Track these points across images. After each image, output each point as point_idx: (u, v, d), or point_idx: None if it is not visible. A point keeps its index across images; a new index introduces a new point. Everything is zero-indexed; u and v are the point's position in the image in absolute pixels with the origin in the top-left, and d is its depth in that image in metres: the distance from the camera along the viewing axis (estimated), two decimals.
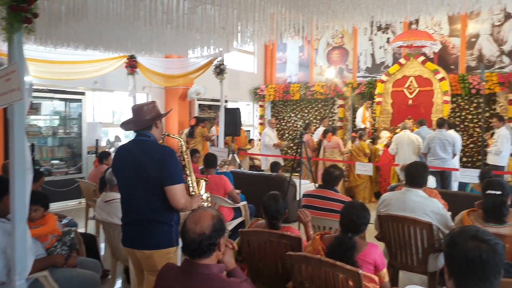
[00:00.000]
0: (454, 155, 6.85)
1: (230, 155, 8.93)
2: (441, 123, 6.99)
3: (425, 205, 3.28)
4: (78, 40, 5.57)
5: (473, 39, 9.63)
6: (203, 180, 3.25)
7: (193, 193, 2.93)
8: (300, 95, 11.84)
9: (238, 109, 8.89)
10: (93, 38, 5.59)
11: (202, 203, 2.94)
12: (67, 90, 7.82)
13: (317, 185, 7.21)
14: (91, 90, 8.70)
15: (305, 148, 6.23)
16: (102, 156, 6.34)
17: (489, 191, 3.01)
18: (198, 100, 10.34)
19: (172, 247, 2.64)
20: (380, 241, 3.65)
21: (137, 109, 2.73)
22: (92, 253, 3.87)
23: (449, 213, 4.20)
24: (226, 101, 11.25)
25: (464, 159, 9.49)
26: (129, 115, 2.89)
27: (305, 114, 12.14)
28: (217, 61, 6.96)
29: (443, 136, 6.84)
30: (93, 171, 6.25)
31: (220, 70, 6.97)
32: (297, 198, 6.62)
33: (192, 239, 1.82)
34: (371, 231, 3.71)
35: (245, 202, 5.14)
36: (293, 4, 4.56)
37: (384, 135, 8.95)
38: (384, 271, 2.45)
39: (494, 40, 9.38)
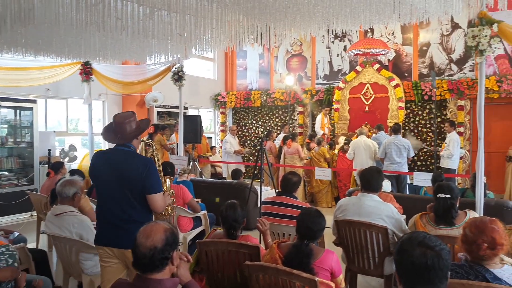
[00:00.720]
0: (409, 159, 7.09)
1: (191, 163, 8.83)
2: (397, 129, 7.23)
3: (380, 210, 3.35)
4: (26, 46, 5.33)
5: (425, 48, 10.05)
6: (168, 179, 3.46)
7: (165, 190, 3.14)
8: (261, 102, 11.91)
9: (198, 116, 8.82)
10: (43, 44, 5.37)
11: (170, 201, 3.18)
12: (17, 98, 7.46)
13: (272, 191, 7.27)
14: (43, 98, 8.35)
15: (266, 154, 6.24)
16: (55, 166, 6.07)
17: (439, 195, 3.12)
18: (156, 107, 10.16)
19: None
20: (338, 246, 3.70)
21: (120, 124, 2.82)
22: (43, 269, 3.68)
23: (403, 217, 4.34)
24: (186, 108, 11.15)
25: (419, 163, 9.86)
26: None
27: (267, 121, 12.21)
28: (175, 68, 6.85)
29: (398, 141, 7.07)
30: (47, 182, 5.96)
31: (178, 77, 6.88)
32: (259, 205, 6.63)
33: (143, 254, 1.76)
34: (330, 236, 3.76)
35: (205, 211, 5.07)
36: (250, 12, 4.58)
37: (342, 140, 9.13)
38: (341, 278, 2.48)
39: (443, 49, 9.83)
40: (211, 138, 12.13)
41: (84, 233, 3.53)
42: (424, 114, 9.79)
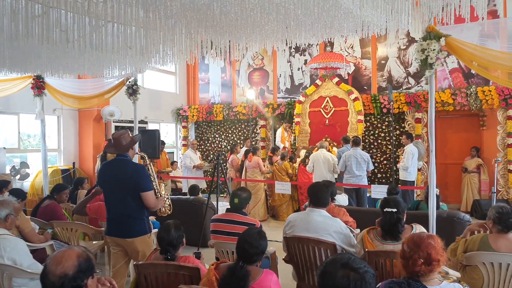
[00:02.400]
0: (368, 172, 7.14)
1: None
2: (357, 142, 7.29)
3: (328, 225, 3.29)
4: None
5: (383, 61, 10.27)
6: (162, 184, 4.10)
7: (158, 194, 3.77)
8: (223, 116, 11.81)
9: (157, 130, 8.57)
10: None
11: (165, 203, 3.95)
12: None
13: None
14: None
15: (223, 168, 6.12)
16: (1, 185, 5.72)
17: (385, 209, 3.08)
18: (114, 121, 9.87)
19: (146, 234, 3.62)
20: (288, 263, 3.60)
21: (117, 138, 3.65)
22: None
23: (357, 231, 4.30)
24: (146, 122, 10.91)
25: (379, 175, 9.98)
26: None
27: (229, 135, 12.11)
28: (130, 82, 6.66)
29: (358, 154, 7.11)
30: None
31: (132, 91, 6.69)
32: None
33: (52, 283, 1.59)
34: (283, 253, 3.66)
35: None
36: (201, 25, 4.49)
37: (303, 154, 9.13)
38: None
39: (401, 62, 10.07)
40: (173, 152, 11.89)
41: (17, 257, 3.28)
42: (383, 127, 9.95)
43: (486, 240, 3.23)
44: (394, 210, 3.03)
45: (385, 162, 9.89)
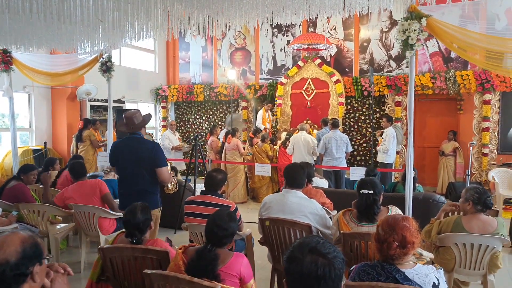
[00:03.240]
0: (347, 154, 7.11)
1: None
2: (335, 124, 7.23)
3: (304, 206, 3.23)
4: None
5: (365, 44, 10.19)
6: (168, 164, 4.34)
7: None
8: (204, 97, 11.60)
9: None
10: None
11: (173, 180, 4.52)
12: None
13: None
14: None
15: (201, 150, 5.99)
16: None
17: (362, 190, 3.03)
18: (90, 101, 9.57)
19: (157, 208, 3.82)
20: (263, 245, 3.55)
21: (130, 117, 3.79)
22: None
23: (335, 212, 4.26)
24: (123, 102, 10.64)
25: (358, 158, 10.01)
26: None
27: (210, 116, 11.93)
28: (103, 58, 6.41)
29: (337, 136, 7.07)
30: None
31: (106, 68, 6.44)
32: None
33: None
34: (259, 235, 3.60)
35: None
36: None
37: (284, 136, 9.06)
38: (251, 283, 2.30)
39: (382, 45, 10.01)
40: (152, 133, 11.65)
41: None
42: (364, 110, 9.94)
43: (460, 222, 3.23)
44: (371, 191, 2.98)
45: (364, 144, 9.92)
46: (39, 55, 7.37)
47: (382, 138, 8.30)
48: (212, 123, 11.65)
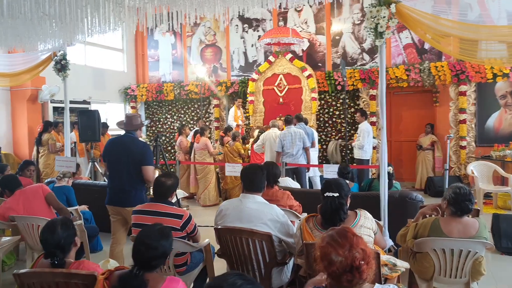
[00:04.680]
0: (306, 148, 6.78)
1: (89, 164, 7.90)
2: (289, 120, 6.94)
3: (263, 213, 2.87)
4: None
5: (337, 37, 9.90)
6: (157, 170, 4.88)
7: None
8: (175, 95, 11.14)
9: (96, 111, 7.87)
10: None
11: None
12: None
13: (181, 192, 6.63)
14: None
15: (162, 151, 5.58)
16: None
17: (326, 193, 2.69)
18: (52, 102, 9.01)
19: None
20: (221, 257, 3.18)
21: (130, 118, 4.10)
22: None
23: (304, 215, 3.91)
24: (89, 103, 10.11)
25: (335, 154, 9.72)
26: None
27: (182, 115, 11.48)
28: (58, 56, 5.93)
29: (292, 132, 6.75)
30: None
31: (61, 66, 5.96)
32: None
33: None
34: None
35: (81, 222, 4.29)
36: None
37: (256, 134, 8.69)
38: None
39: (355, 38, 9.74)
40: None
41: None
42: (338, 105, 9.66)
43: (437, 224, 2.92)
44: (336, 194, 2.64)
45: (340, 140, 9.63)
46: None
47: (357, 133, 8.04)
48: (184, 122, 11.21)
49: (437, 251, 2.88)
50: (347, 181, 5.21)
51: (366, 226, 2.62)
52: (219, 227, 2.96)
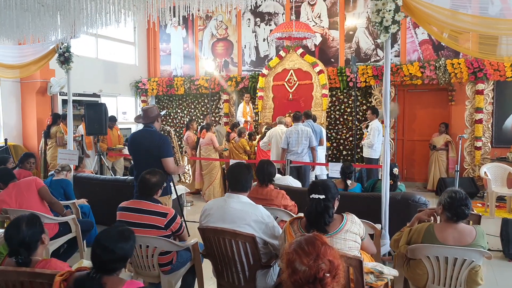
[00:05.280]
0: (312, 148, 6.59)
1: (96, 157, 7.92)
2: (297, 117, 6.75)
3: (247, 214, 2.75)
4: None
5: (351, 32, 9.66)
6: (186, 156, 5.24)
7: (179, 163, 4.58)
8: (185, 90, 11.08)
9: (103, 104, 7.88)
10: None
11: (185, 170, 4.72)
12: None
13: (183, 187, 6.56)
14: None
15: None
16: None
17: (312, 195, 2.54)
18: (61, 94, 9.06)
19: (168, 195, 4.07)
20: (205, 257, 3.07)
21: (146, 111, 4.21)
22: None
23: (300, 215, 3.77)
24: (98, 96, 10.14)
25: (344, 153, 9.53)
26: None
27: (192, 110, 11.43)
28: (61, 48, 5.91)
29: (299, 129, 6.56)
30: None
31: (64, 59, 5.93)
32: None
33: None
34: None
35: (73, 216, 4.25)
36: None
37: (264, 130, 8.56)
38: None
39: (369, 33, 9.48)
40: (130, 129, 11.13)
41: None
42: (350, 102, 9.43)
43: (432, 230, 2.74)
44: (322, 196, 2.50)
45: (351, 138, 9.42)
46: (7, 46, 6.86)
47: (367, 131, 7.82)
48: (194, 117, 11.16)
49: (430, 258, 2.72)
50: (350, 181, 5.08)
51: (352, 231, 2.47)
52: (203, 227, 2.84)
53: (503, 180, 6.79)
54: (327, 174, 7.23)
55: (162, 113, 4.45)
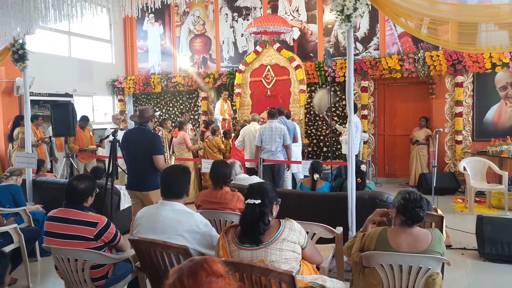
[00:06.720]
0: (286, 146, 6.32)
1: (63, 159, 7.60)
2: (272, 114, 6.47)
3: (179, 223, 2.48)
4: None
5: (330, 26, 9.40)
6: (173, 156, 5.83)
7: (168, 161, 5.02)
8: (162, 87, 10.77)
9: (70, 104, 7.57)
10: None
11: None
12: None
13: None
14: None
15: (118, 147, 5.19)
16: None
17: (247, 200, 2.28)
18: (31, 95, 8.67)
19: (158, 189, 3.60)
20: (141, 271, 2.80)
21: (142, 111, 4.40)
22: None
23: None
24: (71, 96, 9.81)
25: (325, 149, 9.28)
26: None
27: (170, 108, 11.12)
28: (16, 46, 5.58)
29: (273, 126, 6.29)
30: None
31: (19, 56, 5.61)
32: (121, 208, 5.63)
33: None
34: None
35: (14, 225, 3.95)
36: None
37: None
38: None
39: None
40: (105, 129, 10.79)
41: None
42: (330, 97, 9.15)
43: (385, 236, 2.49)
44: (257, 201, 2.23)
45: (331, 135, 9.16)
46: None
47: (345, 127, 7.57)
48: (172, 116, 10.86)
49: (384, 266, 2.46)
50: (317, 176, 4.80)
51: (290, 240, 2.20)
52: (133, 238, 2.57)
53: (483, 174, 6.57)
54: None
55: (157, 113, 4.86)
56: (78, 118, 7.93)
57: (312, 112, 9.29)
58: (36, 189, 5.69)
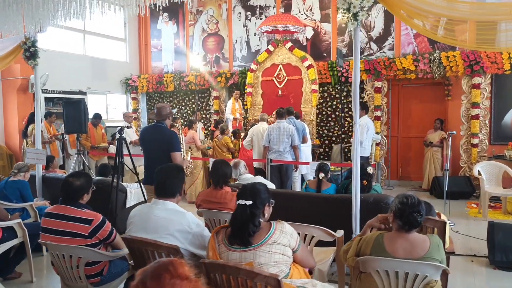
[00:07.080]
0: (294, 147, 6.23)
1: (75, 155, 7.69)
2: (281, 114, 6.39)
3: (171, 223, 2.44)
4: None
5: (344, 25, 9.27)
6: (189, 152, 5.67)
7: (183, 157, 4.69)
8: (175, 86, 10.81)
9: (81, 101, 7.64)
10: None
11: (188, 164, 5.02)
12: None
13: None
14: None
15: (127, 145, 5.20)
16: None
17: (239, 201, 2.23)
18: (44, 92, 8.83)
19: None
20: (135, 269, 2.77)
21: (159, 108, 4.46)
22: None
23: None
24: (85, 94, 9.93)
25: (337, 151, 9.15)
26: None
27: (183, 107, 11.15)
28: (27, 43, 5.65)
29: (281, 127, 6.21)
30: None
31: (30, 54, 5.68)
32: (127, 206, 5.64)
33: None
34: None
35: (18, 220, 3.99)
36: None
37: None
38: None
39: (363, 26, 9.08)
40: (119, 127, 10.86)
41: None
42: (342, 97, 9.04)
43: (381, 241, 2.41)
44: (249, 202, 2.18)
45: (343, 136, 9.03)
46: None
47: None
48: (185, 114, 10.90)
49: (380, 272, 2.38)
50: (322, 175, 4.70)
51: (280, 243, 2.14)
52: (126, 237, 2.55)
53: (498, 179, 6.37)
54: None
55: (174, 111, 4.95)
56: (90, 116, 8.03)
57: (324, 113, 9.18)
58: (46, 185, 5.75)
